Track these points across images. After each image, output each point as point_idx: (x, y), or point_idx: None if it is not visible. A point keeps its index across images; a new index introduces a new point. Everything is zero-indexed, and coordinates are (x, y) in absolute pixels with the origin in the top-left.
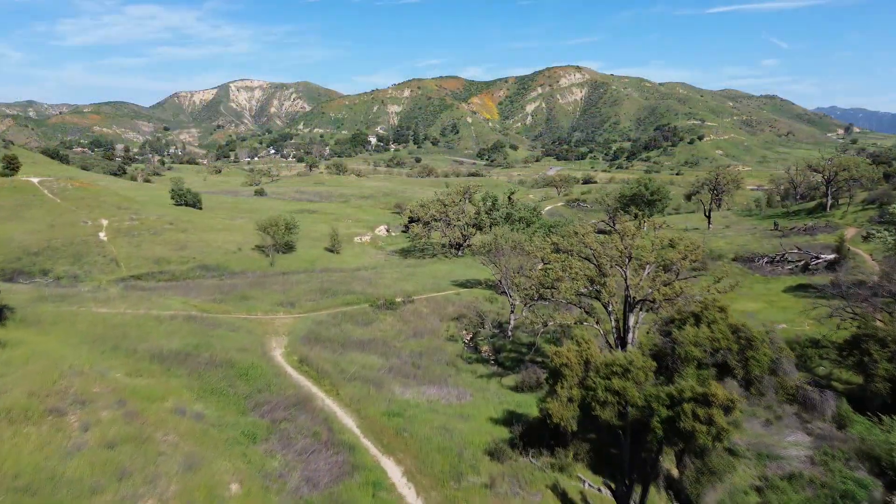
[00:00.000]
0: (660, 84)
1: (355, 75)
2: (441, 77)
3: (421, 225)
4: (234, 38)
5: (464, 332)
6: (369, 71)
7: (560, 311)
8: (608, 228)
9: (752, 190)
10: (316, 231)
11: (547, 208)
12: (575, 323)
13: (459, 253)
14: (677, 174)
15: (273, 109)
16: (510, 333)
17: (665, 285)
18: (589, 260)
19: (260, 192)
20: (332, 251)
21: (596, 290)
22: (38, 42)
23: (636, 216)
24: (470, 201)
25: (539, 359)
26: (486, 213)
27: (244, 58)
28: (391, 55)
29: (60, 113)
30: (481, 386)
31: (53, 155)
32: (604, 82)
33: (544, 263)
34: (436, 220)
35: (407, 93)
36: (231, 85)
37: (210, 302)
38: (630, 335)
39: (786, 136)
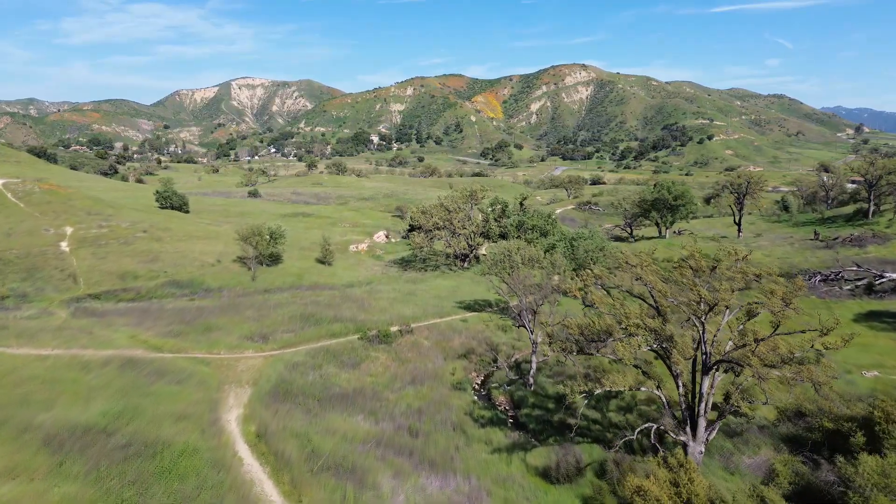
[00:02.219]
0: (666, 83)
1: (358, 74)
2: (444, 75)
3: (423, 234)
4: (237, 36)
5: (473, 373)
6: (372, 70)
7: (604, 364)
8: (624, 234)
9: (767, 192)
10: (307, 239)
11: (557, 211)
12: (629, 389)
13: (465, 265)
14: (687, 174)
15: (275, 108)
16: (531, 380)
17: (757, 341)
18: (643, 299)
19: (254, 194)
20: (323, 263)
21: (663, 348)
22: (42, 40)
23: (657, 224)
24: (476, 206)
25: (572, 421)
26: (496, 220)
27: (247, 56)
28: (394, 54)
29: (59, 111)
30: (500, 473)
31: (40, 154)
32: (610, 81)
33: (586, 305)
34: (439, 229)
35: (410, 91)
36: (233, 83)
37: (165, 335)
38: (702, 405)
39: (796, 136)
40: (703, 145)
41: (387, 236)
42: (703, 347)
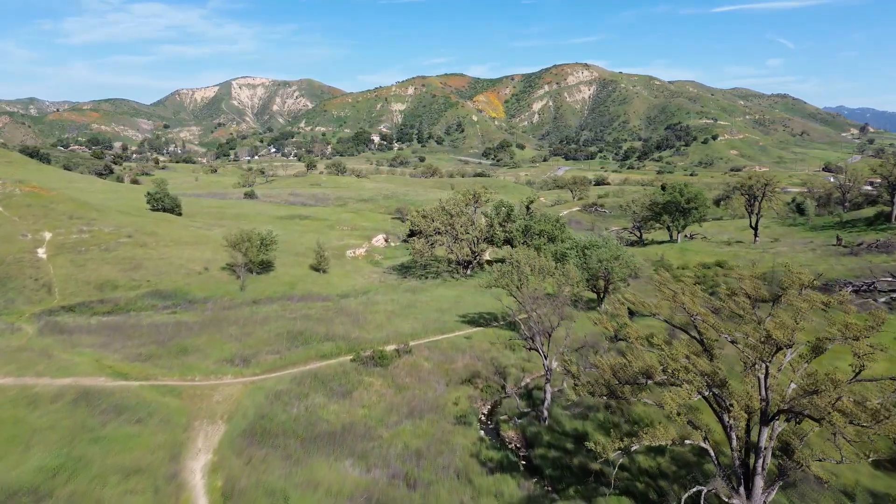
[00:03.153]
0: (669, 82)
1: (359, 74)
2: (446, 74)
3: (423, 239)
4: (238, 36)
5: (479, 402)
6: (373, 70)
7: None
8: (633, 238)
9: (779, 193)
10: (302, 243)
11: (562, 213)
12: (671, 444)
13: (468, 272)
14: (692, 175)
15: (275, 107)
16: (546, 413)
17: (836, 386)
18: (686, 331)
19: (250, 195)
20: (317, 270)
21: (714, 395)
22: (44, 40)
23: (668, 227)
24: (479, 209)
25: (595, 465)
26: (500, 224)
27: (248, 56)
28: (395, 54)
29: (58, 110)
30: None
31: (33, 154)
32: (612, 80)
33: (616, 339)
34: (440, 234)
35: (411, 90)
36: (233, 82)
37: (134, 358)
38: (760, 461)
39: (800, 136)
40: (707, 145)
41: (386, 240)
42: (764, 394)
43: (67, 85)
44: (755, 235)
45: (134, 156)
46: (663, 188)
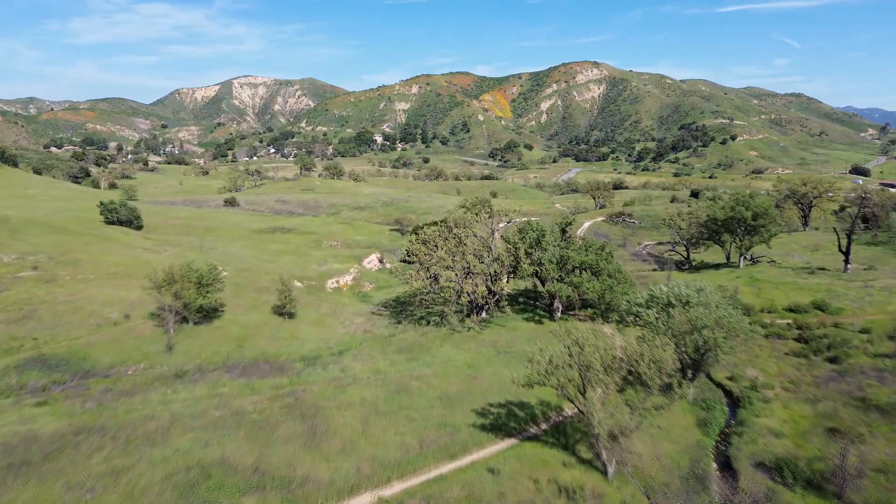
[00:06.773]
0: (681, 81)
1: (364, 74)
2: (451, 73)
3: (423, 271)
4: (244, 36)
5: None
6: (377, 69)
7: None
8: (676, 257)
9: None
10: (270, 272)
11: (584, 224)
12: None
13: (483, 314)
14: (711, 177)
15: (277, 107)
16: None
17: None
18: None
19: (231, 203)
20: (282, 314)
21: None
22: (50, 40)
23: (728, 252)
24: (497, 229)
25: None
26: (527, 252)
27: (253, 56)
28: (400, 54)
29: (52, 109)
30: None
31: None
32: (623, 78)
33: None
34: (447, 268)
35: (415, 89)
36: (234, 81)
37: None
38: None
39: (819, 136)
40: (725, 146)
41: (380, 260)
42: None
43: (72, 85)
44: (846, 262)
45: (129, 156)
46: (693, 195)
